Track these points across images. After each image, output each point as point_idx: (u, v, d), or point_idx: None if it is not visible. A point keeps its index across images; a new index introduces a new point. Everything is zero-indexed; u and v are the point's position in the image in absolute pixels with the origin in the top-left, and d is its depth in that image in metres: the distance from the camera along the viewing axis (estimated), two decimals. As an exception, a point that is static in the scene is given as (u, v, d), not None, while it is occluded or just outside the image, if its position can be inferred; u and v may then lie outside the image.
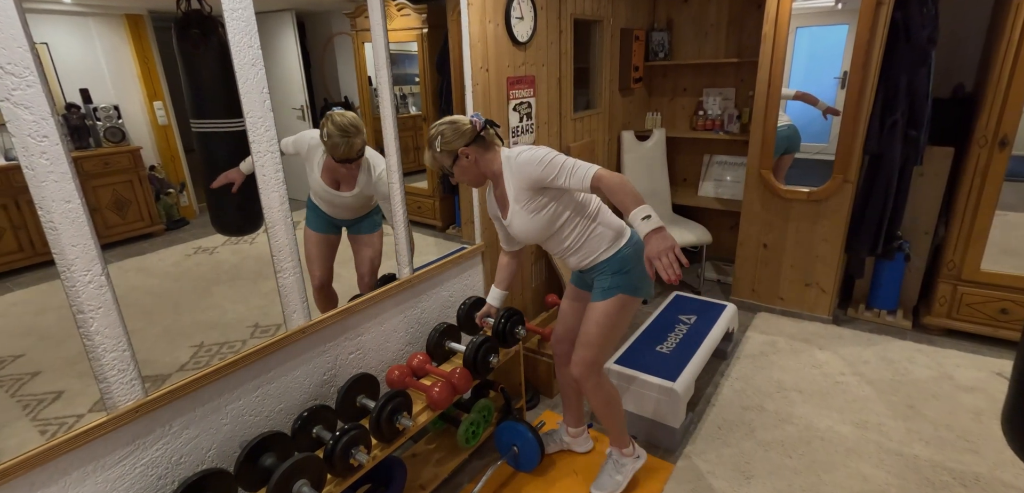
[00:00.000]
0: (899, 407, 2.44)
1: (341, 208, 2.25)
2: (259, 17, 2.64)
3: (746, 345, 3.03)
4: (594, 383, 1.88)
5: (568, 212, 1.75)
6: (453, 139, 1.71)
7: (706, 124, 3.95)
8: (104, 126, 2.55)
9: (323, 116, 2.09)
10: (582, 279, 1.97)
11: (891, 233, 2.93)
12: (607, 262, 1.80)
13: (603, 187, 1.56)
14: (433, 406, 1.90)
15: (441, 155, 1.73)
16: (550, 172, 1.62)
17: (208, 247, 3.07)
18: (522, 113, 2.73)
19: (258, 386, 1.71)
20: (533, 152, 1.66)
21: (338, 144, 1.97)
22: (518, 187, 1.70)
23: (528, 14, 2.62)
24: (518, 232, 1.78)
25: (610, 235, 1.80)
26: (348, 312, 1.98)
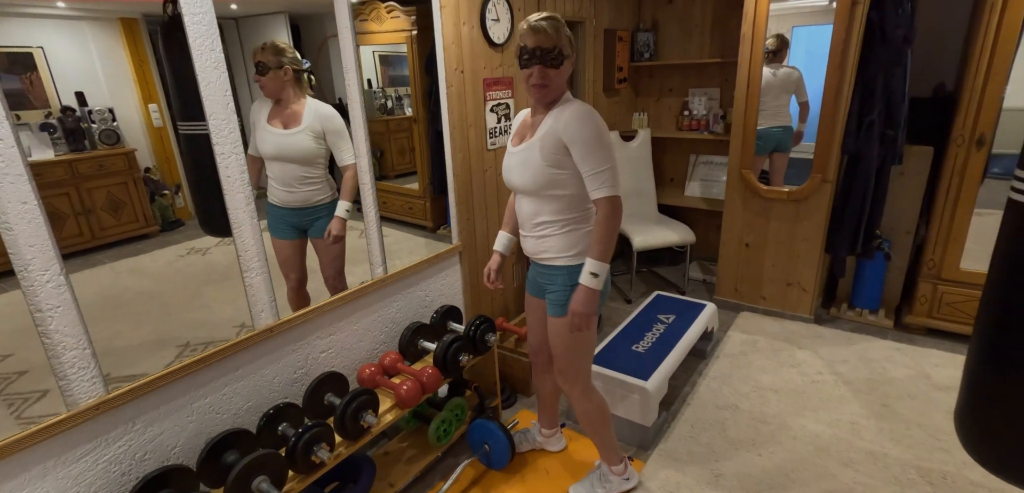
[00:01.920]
0: (874, 406, 2.44)
1: (294, 179, 2.16)
2: (252, 19, 2.68)
3: (726, 344, 3.04)
4: (578, 393, 1.85)
5: (571, 191, 1.61)
6: (570, 43, 1.56)
7: (692, 124, 3.96)
8: (99, 129, 2.58)
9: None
10: (537, 285, 1.87)
11: (870, 232, 2.93)
12: (568, 270, 1.68)
13: (603, 210, 1.52)
14: (401, 404, 1.92)
15: (564, 34, 1.53)
16: (591, 148, 1.50)
17: (201, 248, 3.11)
18: (500, 114, 2.75)
19: (225, 384, 1.74)
20: (594, 117, 1.53)
21: (257, 59, 2.00)
22: (555, 131, 1.54)
23: (504, 16, 2.64)
24: (520, 165, 1.63)
25: (586, 243, 1.69)
26: (319, 311, 2.00)
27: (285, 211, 2.22)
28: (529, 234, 1.74)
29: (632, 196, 3.90)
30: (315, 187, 2.18)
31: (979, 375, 1.31)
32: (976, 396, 1.33)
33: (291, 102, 2.08)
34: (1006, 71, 2.51)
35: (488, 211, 2.77)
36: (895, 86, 2.67)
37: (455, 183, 2.53)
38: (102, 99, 2.55)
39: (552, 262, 1.70)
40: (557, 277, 1.70)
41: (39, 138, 2.37)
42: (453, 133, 2.46)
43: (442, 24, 2.31)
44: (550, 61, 1.51)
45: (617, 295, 3.78)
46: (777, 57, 3.20)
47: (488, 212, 2.77)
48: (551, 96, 1.58)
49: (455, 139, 2.48)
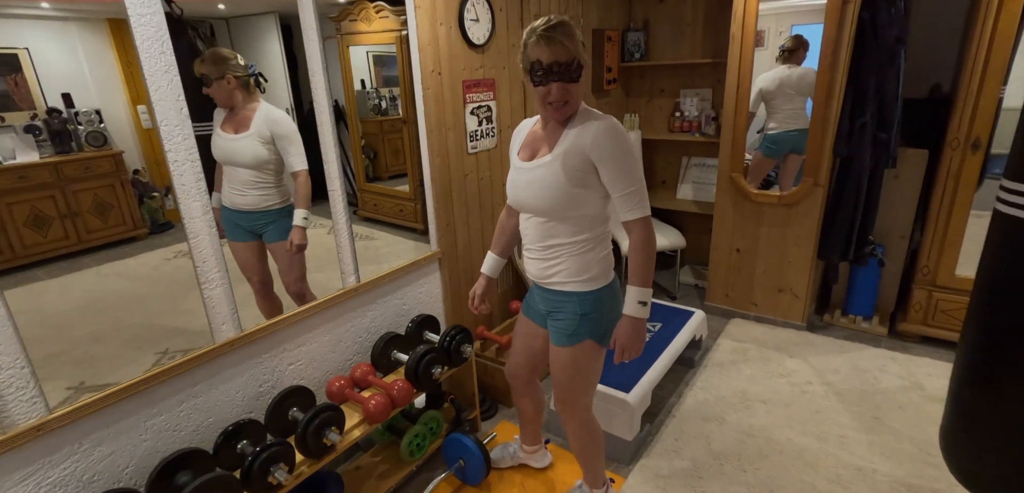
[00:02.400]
0: (864, 418, 2.36)
1: (243, 183, 2.12)
2: (242, 20, 2.62)
3: (715, 352, 2.97)
4: (578, 423, 1.74)
5: (590, 211, 1.47)
6: (584, 47, 1.43)
7: (683, 126, 3.88)
8: (86, 130, 2.54)
9: (309, 119, 2.09)
10: (536, 310, 1.71)
11: (862, 238, 2.85)
12: (579, 297, 1.53)
13: (640, 233, 1.42)
14: (369, 419, 1.85)
15: (579, 41, 1.39)
16: (623, 167, 1.37)
17: (186, 251, 3.06)
18: (481, 117, 2.68)
19: (182, 401, 1.67)
20: (623, 133, 1.40)
21: (199, 72, 1.96)
22: (581, 147, 1.39)
23: (484, 16, 2.56)
24: (535, 183, 1.46)
25: (599, 268, 1.54)
26: (286, 322, 1.94)
27: (236, 213, 2.17)
28: (536, 256, 1.58)
29: (622, 199, 3.82)
30: (265, 192, 2.12)
31: (963, 395, 1.24)
32: (960, 417, 1.26)
33: (241, 108, 2.04)
34: (1003, 70, 2.43)
35: (469, 216, 2.70)
36: (888, 87, 2.59)
37: (433, 188, 2.46)
38: (90, 101, 2.50)
39: (562, 287, 1.55)
40: (566, 304, 1.55)
41: (23, 140, 2.31)
42: (430, 137, 2.40)
43: (417, 25, 2.24)
44: (569, 76, 1.36)
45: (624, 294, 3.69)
46: (794, 57, 3.06)
47: (469, 217, 2.70)
48: (570, 112, 1.43)
49: (433, 143, 2.41)
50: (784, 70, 3.07)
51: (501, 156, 2.84)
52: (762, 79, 3.23)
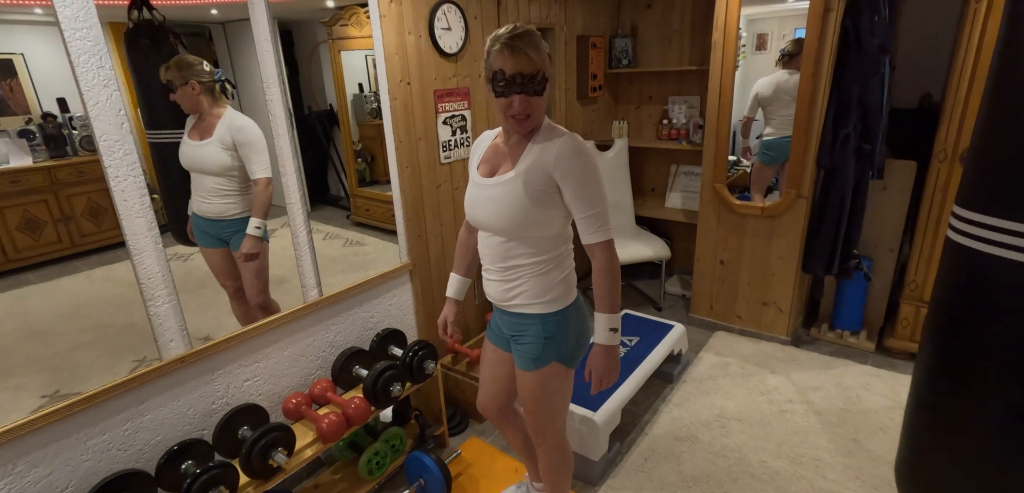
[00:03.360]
0: (842, 440, 2.29)
1: (207, 190, 2.10)
2: (238, 25, 2.62)
3: (696, 367, 2.90)
4: (550, 446, 1.67)
5: (551, 231, 1.42)
6: (550, 60, 1.37)
7: (671, 133, 3.81)
8: (80, 135, 2.54)
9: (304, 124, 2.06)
10: (500, 333, 1.65)
11: (847, 251, 2.77)
12: (541, 319, 1.48)
13: (603, 257, 1.37)
14: (322, 439, 1.82)
15: (545, 53, 1.33)
16: (587, 187, 1.33)
17: (183, 254, 3.05)
18: (455, 126, 2.63)
19: (127, 419, 1.64)
20: (588, 152, 1.35)
21: (164, 78, 1.95)
22: (543, 165, 1.34)
23: (457, 24, 2.52)
24: (495, 201, 1.41)
25: (562, 288, 1.48)
26: (242, 337, 1.91)
27: (202, 220, 2.16)
28: (495, 278, 1.51)
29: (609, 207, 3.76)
30: (228, 200, 2.09)
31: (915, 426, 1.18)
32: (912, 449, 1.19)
33: (207, 114, 2.02)
34: (990, 82, 2.34)
35: (443, 227, 2.66)
36: (871, 97, 2.51)
37: (403, 198, 2.42)
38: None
39: (523, 309, 1.48)
40: (528, 327, 1.49)
41: (17, 145, 2.31)
42: (399, 147, 2.36)
43: (383, 34, 2.20)
44: (533, 89, 1.30)
45: (589, 312, 3.64)
46: (794, 61, 2.98)
47: (443, 228, 2.66)
48: (533, 125, 1.38)
49: (401, 154, 2.37)
50: (783, 75, 2.99)
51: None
52: (760, 84, 3.16)
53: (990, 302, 0.98)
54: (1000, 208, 0.97)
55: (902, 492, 1.22)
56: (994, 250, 0.98)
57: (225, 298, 2.30)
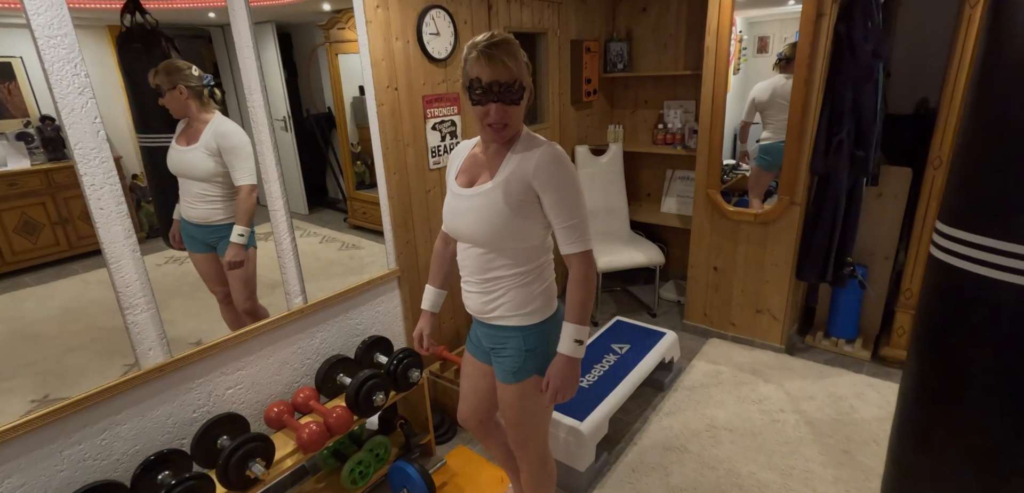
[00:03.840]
0: (834, 452, 2.25)
1: (193, 196, 2.10)
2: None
3: (689, 375, 2.87)
4: (532, 458, 1.64)
5: (531, 242, 1.40)
6: (528, 69, 1.35)
7: (667, 138, 3.78)
8: None
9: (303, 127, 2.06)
10: (480, 346, 1.61)
11: (840, 259, 2.73)
12: (522, 331, 1.45)
13: (579, 268, 1.36)
14: (303, 448, 1.80)
15: (523, 62, 1.32)
16: (566, 197, 1.32)
17: (180, 257, 3.04)
18: (444, 132, 2.61)
19: (104, 429, 1.63)
20: (567, 162, 1.34)
21: (153, 82, 1.95)
22: (523, 175, 1.33)
23: (446, 30, 2.50)
24: (473, 211, 1.39)
25: (542, 299, 1.46)
26: (224, 346, 1.89)
27: (189, 225, 2.16)
28: (475, 290, 1.48)
29: (602, 213, 3.74)
30: (213, 206, 2.08)
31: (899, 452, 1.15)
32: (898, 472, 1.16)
33: (195, 119, 2.01)
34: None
35: (433, 233, 2.64)
36: (865, 103, 2.48)
37: (390, 204, 2.41)
38: None
39: (503, 322, 1.46)
40: (508, 340, 1.47)
41: (15, 147, 2.31)
42: (386, 153, 2.34)
43: (369, 40, 2.19)
44: (510, 98, 1.28)
45: (584, 317, 3.61)
46: (791, 66, 2.95)
47: (433, 234, 2.64)
48: (510, 135, 1.36)
49: (389, 160, 2.36)
50: (780, 79, 2.96)
51: (467, 171, 2.77)
52: (757, 89, 3.13)
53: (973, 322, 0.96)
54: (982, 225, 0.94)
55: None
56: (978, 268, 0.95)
57: (200, 303, 2.29)
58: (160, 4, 2.06)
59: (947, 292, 1.00)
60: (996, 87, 0.88)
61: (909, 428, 1.11)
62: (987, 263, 0.93)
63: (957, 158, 0.98)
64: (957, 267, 0.97)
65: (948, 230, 0.99)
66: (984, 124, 0.91)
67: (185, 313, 2.83)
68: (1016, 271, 0.89)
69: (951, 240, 0.98)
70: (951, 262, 0.98)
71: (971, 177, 0.92)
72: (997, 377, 0.93)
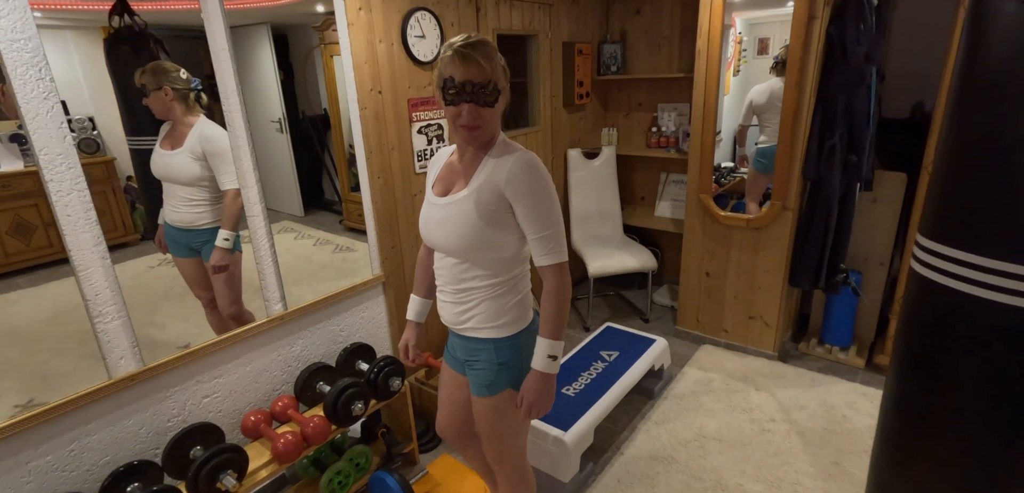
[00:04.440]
0: (824, 463, 2.21)
1: (178, 200, 2.08)
2: (237, 31, 2.60)
3: (679, 382, 2.82)
4: (509, 473, 1.60)
5: (505, 253, 1.36)
6: (505, 73, 1.31)
7: (660, 141, 3.74)
8: (78, 137, 2.54)
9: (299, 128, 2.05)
10: (455, 356, 1.58)
11: (833, 265, 2.69)
12: (495, 344, 1.42)
13: (553, 280, 1.32)
14: (278, 459, 1.76)
15: (499, 64, 1.29)
16: (539, 207, 1.29)
17: (170, 260, 3.03)
18: (431, 135, 2.58)
19: (73, 440, 1.60)
20: (541, 170, 1.31)
21: (138, 82, 1.94)
22: (495, 184, 1.30)
23: (431, 32, 2.47)
24: (447, 221, 1.36)
25: (516, 312, 1.43)
26: (201, 353, 1.86)
27: (174, 230, 2.14)
28: (449, 300, 1.46)
29: (595, 217, 3.70)
30: (199, 210, 2.06)
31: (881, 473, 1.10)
32: None
33: (179, 122, 1.99)
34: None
35: (419, 238, 2.58)
36: (857, 107, 2.43)
37: (374, 209, 2.37)
38: (84, 107, 2.50)
39: (475, 333, 1.43)
40: (481, 352, 1.44)
41: (8, 149, 2.29)
42: (370, 157, 2.31)
43: (351, 42, 2.16)
44: (483, 99, 1.25)
45: (576, 322, 3.57)
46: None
47: (419, 239, 2.57)
48: (483, 138, 1.32)
49: (373, 164, 2.32)
50: (777, 82, 2.92)
51: (454, 175, 2.74)
52: (754, 92, 3.09)
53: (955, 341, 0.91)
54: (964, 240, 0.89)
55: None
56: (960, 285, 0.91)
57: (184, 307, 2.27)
58: (150, 5, 2.05)
59: (928, 309, 0.96)
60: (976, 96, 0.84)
61: (890, 448, 1.07)
62: (969, 280, 0.89)
63: (937, 169, 0.94)
64: (938, 283, 0.93)
65: (929, 244, 0.95)
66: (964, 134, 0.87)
67: (175, 316, 2.80)
68: (1000, 289, 0.85)
69: (932, 254, 0.94)
70: (932, 278, 0.94)
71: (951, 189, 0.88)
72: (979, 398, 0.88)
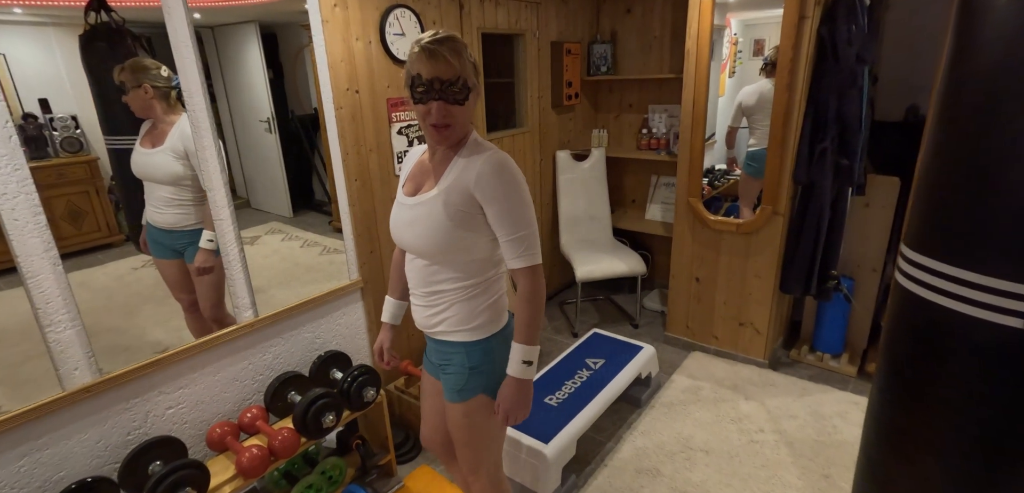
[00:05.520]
0: (813, 476, 2.14)
1: (161, 200, 2.03)
2: (222, 29, 2.53)
3: (667, 390, 2.76)
4: (484, 485, 1.54)
5: (476, 255, 1.32)
6: (475, 70, 1.27)
7: (651, 143, 3.68)
8: (61, 136, 2.49)
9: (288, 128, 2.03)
10: (431, 362, 1.55)
11: (825, 271, 2.62)
12: (466, 347, 1.37)
13: (527, 284, 1.28)
14: (243, 474, 1.69)
15: (468, 61, 1.24)
16: (511, 208, 1.24)
17: (151, 262, 2.97)
18: (412, 136, 2.51)
19: (23, 455, 1.52)
20: (512, 170, 1.26)
21: (117, 79, 1.90)
22: (464, 184, 1.25)
23: (412, 30, 2.40)
24: (415, 222, 1.31)
25: (487, 315, 1.38)
26: (165, 363, 1.79)
27: (156, 231, 2.08)
28: (420, 303, 1.41)
29: (584, 220, 3.63)
30: (182, 210, 2.00)
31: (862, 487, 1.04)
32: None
33: (160, 121, 1.94)
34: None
35: (399, 242, 2.53)
36: (849, 110, 2.37)
37: (351, 212, 2.30)
38: (68, 106, 2.45)
39: (447, 336, 1.39)
40: (454, 355, 1.40)
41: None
42: (346, 159, 2.24)
43: (325, 40, 2.08)
44: (452, 96, 1.21)
45: (564, 327, 3.51)
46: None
47: (398, 243, 2.53)
48: (454, 137, 1.28)
49: (350, 166, 2.25)
50: (767, 84, 2.85)
51: (437, 177, 2.67)
52: (743, 93, 3.03)
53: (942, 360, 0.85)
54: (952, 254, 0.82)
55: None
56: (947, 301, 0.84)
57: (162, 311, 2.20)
58: (127, 2, 2.00)
59: (912, 324, 0.89)
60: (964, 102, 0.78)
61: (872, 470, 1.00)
62: (957, 296, 0.82)
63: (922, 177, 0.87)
64: (924, 298, 0.86)
65: (914, 256, 0.88)
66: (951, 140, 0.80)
67: (155, 320, 2.73)
68: (987, 307, 0.78)
69: (917, 267, 0.88)
70: (917, 292, 0.88)
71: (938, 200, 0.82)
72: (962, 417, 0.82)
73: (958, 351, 0.83)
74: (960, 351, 0.83)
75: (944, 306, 0.83)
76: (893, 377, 0.94)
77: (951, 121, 0.83)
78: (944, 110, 0.85)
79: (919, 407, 0.86)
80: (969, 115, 0.79)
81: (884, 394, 0.96)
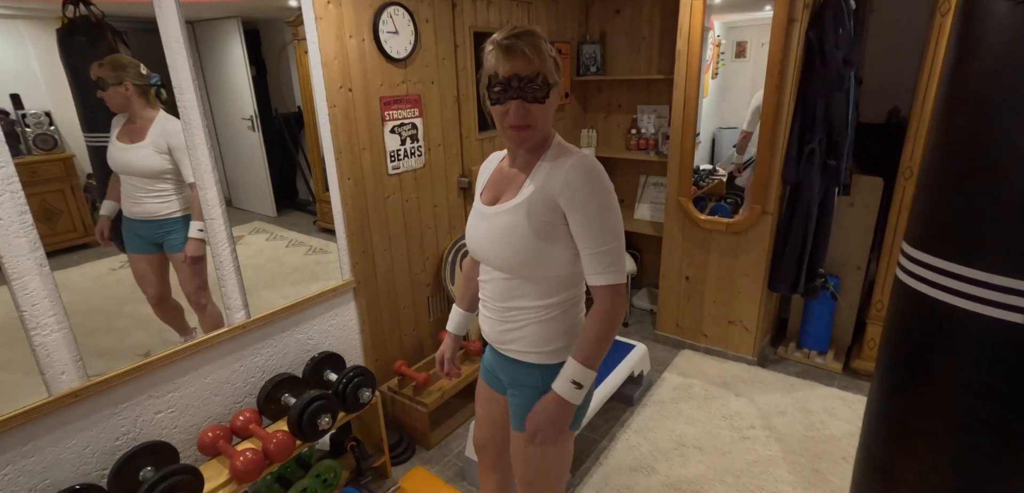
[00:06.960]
0: (803, 470, 2.18)
1: (139, 192, 1.99)
2: (203, 24, 2.47)
3: (659, 388, 2.78)
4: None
5: (561, 271, 1.21)
6: (557, 66, 1.17)
7: (640, 143, 3.70)
8: (34, 133, 2.41)
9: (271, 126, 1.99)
10: (494, 374, 1.44)
11: (812, 270, 2.68)
12: (541, 370, 1.27)
13: (605, 302, 1.15)
14: (237, 478, 1.66)
15: (549, 56, 1.14)
16: (597, 218, 1.12)
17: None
18: (405, 135, 2.49)
19: (7, 462, 1.47)
20: (601, 177, 1.15)
21: (95, 75, 1.87)
22: (548, 191, 1.16)
23: (405, 28, 2.38)
24: (496, 233, 1.22)
25: (568, 337, 1.27)
26: (153, 366, 1.74)
27: (135, 223, 2.04)
28: (493, 316, 1.32)
29: (574, 220, 3.64)
30: (162, 200, 1.98)
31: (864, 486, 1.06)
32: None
33: (139, 117, 1.90)
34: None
35: (392, 241, 2.51)
36: (836, 112, 2.42)
37: (344, 212, 2.27)
38: (41, 102, 2.37)
39: (521, 356, 1.29)
40: (526, 377, 1.29)
41: None
42: (339, 157, 2.21)
43: (318, 37, 2.05)
44: (532, 94, 1.10)
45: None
46: None
47: (392, 242, 2.51)
48: (535, 139, 1.17)
49: (342, 164, 2.23)
50: None
51: (430, 175, 2.65)
52: (758, 97, 3.00)
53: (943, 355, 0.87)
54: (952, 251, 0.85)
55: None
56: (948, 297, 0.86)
57: (182, 307, 2.15)
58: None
59: (914, 320, 0.91)
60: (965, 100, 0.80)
61: (873, 464, 1.02)
62: (959, 292, 0.84)
63: (923, 176, 0.90)
64: (925, 294, 0.89)
65: (915, 253, 0.90)
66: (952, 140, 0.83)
67: (135, 322, 2.66)
68: (989, 303, 0.81)
69: (919, 264, 0.90)
70: (919, 288, 0.90)
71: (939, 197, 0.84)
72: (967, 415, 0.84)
73: (960, 346, 0.85)
74: (962, 346, 0.85)
75: (946, 302, 0.85)
76: (895, 372, 0.96)
77: (952, 120, 0.85)
78: (945, 109, 0.87)
79: (921, 402, 0.89)
80: (970, 114, 0.81)
81: (886, 389, 0.98)
